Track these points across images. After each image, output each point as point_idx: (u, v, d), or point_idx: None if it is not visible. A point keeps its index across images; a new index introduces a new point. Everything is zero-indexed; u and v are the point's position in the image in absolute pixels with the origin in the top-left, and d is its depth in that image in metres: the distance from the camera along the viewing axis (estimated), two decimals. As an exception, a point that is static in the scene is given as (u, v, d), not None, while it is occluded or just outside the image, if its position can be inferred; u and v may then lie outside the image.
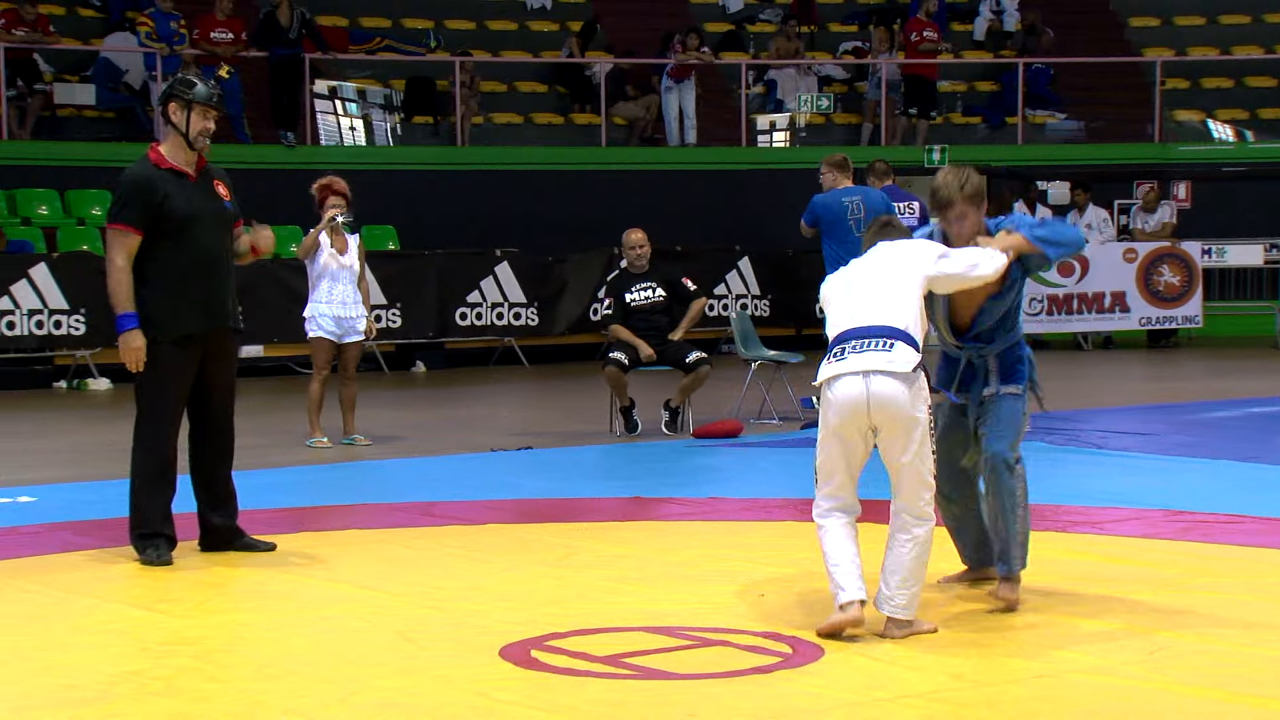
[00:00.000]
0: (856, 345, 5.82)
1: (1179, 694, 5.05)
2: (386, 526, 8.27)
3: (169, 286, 7.32)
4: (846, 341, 5.86)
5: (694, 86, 22.51)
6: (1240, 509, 8.43)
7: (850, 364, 5.79)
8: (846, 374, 5.79)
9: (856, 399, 5.76)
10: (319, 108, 21.33)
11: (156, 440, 7.37)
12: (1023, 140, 23.12)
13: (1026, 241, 6.26)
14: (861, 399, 5.75)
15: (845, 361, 5.81)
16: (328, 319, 11.60)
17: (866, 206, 12.97)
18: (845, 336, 5.87)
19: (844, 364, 5.81)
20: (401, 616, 6.18)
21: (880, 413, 5.74)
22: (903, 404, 5.74)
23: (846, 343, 5.85)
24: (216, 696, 5.12)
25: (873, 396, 5.73)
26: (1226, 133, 24.01)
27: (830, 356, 5.87)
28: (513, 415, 14.63)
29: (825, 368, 5.87)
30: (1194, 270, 20.63)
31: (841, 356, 5.83)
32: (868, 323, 5.86)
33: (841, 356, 5.83)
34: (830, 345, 5.92)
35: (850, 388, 5.77)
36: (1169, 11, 25.61)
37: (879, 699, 5.06)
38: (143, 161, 7.45)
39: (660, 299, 12.56)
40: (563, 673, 5.30)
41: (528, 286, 19.27)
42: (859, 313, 5.92)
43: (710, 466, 10.91)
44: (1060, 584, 6.04)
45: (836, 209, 12.86)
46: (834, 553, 5.80)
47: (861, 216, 12.83)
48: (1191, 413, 13.57)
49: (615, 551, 7.57)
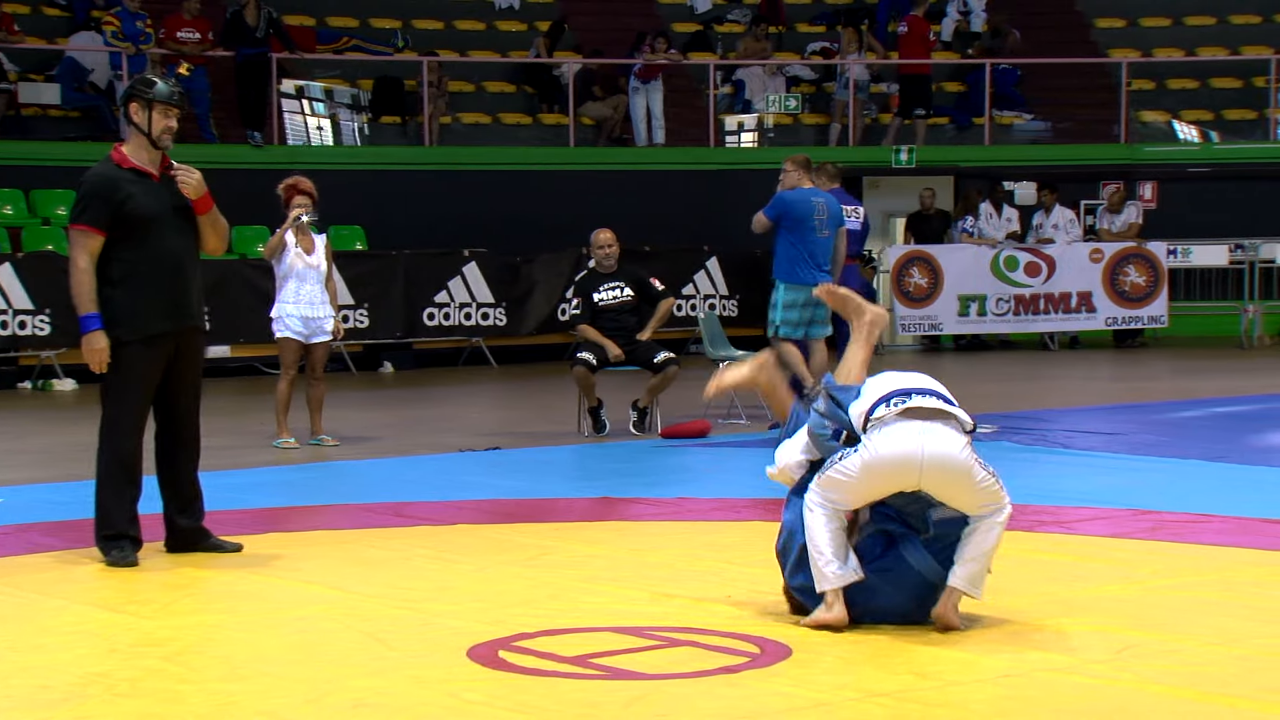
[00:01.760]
0: (913, 396, 5.75)
1: (1147, 693, 5.03)
2: (355, 527, 8.23)
3: (134, 286, 7.27)
4: (906, 394, 5.75)
5: (661, 87, 22.51)
6: (1207, 508, 8.45)
7: (908, 409, 5.69)
8: (903, 423, 5.67)
9: (911, 454, 5.65)
10: (286, 107, 21.30)
11: (121, 441, 7.33)
12: (990, 141, 23.19)
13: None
14: (916, 455, 5.64)
15: (910, 403, 5.70)
16: (295, 319, 11.57)
17: (829, 210, 13.07)
18: (900, 392, 5.77)
19: (909, 404, 5.70)
20: (371, 617, 6.15)
21: (932, 471, 5.66)
22: (958, 463, 5.66)
23: (906, 394, 5.75)
24: (187, 697, 5.09)
25: (927, 453, 5.63)
26: (1192, 134, 24.11)
27: (890, 403, 5.72)
28: (481, 415, 14.60)
29: (886, 409, 5.70)
30: (1160, 270, 20.72)
31: (905, 402, 5.72)
32: (924, 386, 5.83)
33: (905, 402, 5.72)
34: (886, 397, 5.76)
35: (906, 442, 5.65)
36: (1135, 13, 25.72)
37: (848, 698, 5.04)
38: (105, 162, 7.40)
39: (628, 299, 12.56)
40: (531, 673, 5.28)
41: (496, 287, 19.29)
42: (909, 381, 5.86)
43: (679, 466, 10.92)
44: (1028, 583, 6.05)
45: (805, 208, 12.89)
46: (825, 534, 5.74)
47: (825, 219, 12.92)
48: (1158, 412, 13.63)
49: (584, 551, 7.56)
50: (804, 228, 12.83)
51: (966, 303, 20.72)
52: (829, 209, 13.02)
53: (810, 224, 12.86)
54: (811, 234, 12.82)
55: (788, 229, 12.84)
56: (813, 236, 12.83)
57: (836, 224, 13.07)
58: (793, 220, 12.81)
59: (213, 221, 7.51)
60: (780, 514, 6.17)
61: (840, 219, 13.15)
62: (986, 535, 5.75)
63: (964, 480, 5.69)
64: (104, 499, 7.34)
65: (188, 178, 7.38)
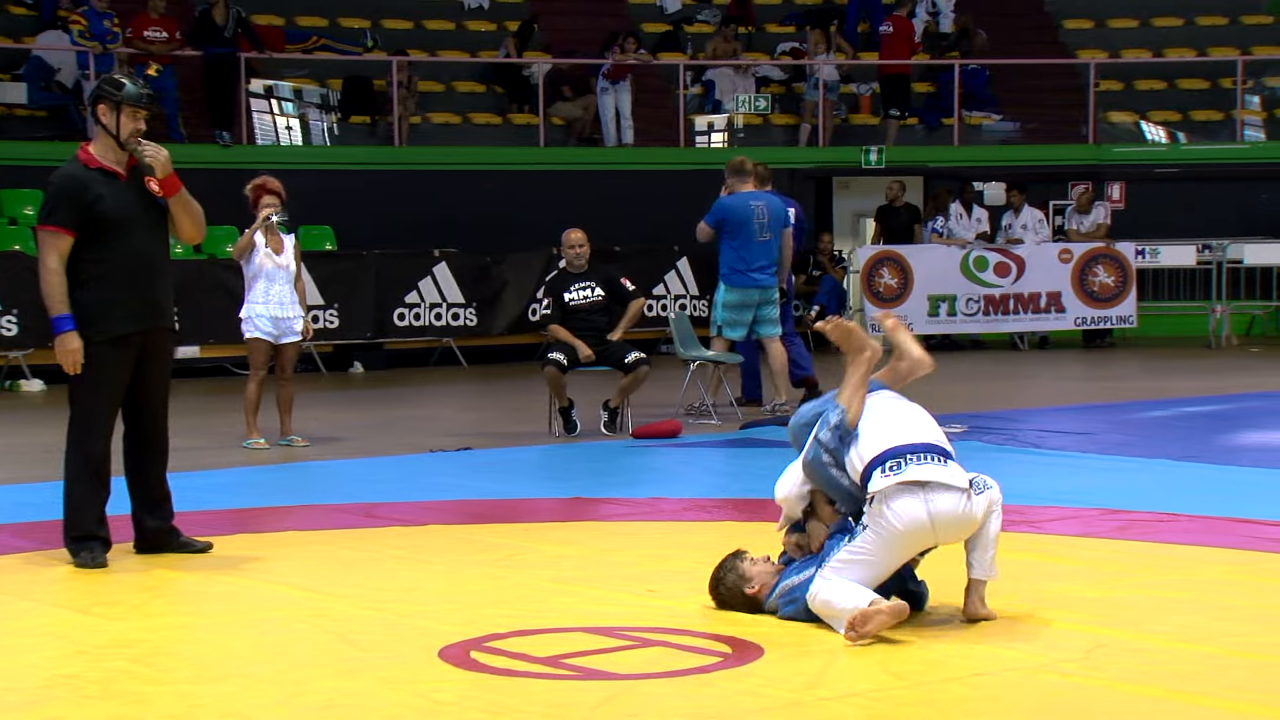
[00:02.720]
0: (908, 461, 5.72)
1: (1117, 691, 5.04)
2: (325, 528, 8.21)
3: (103, 287, 7.22)
4: (901, 456, 5.73)
5: (630, 87, 22.50)
6: (1176, 507, 8.48)
7: (910, 475, 5.68)
8: (904, 496, 5.66)
9: (920, 522, 5.67)
10: (255, 107, 21.20)
11: (91, 442, 7.28)
12: (959, 141, 23.23)
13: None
14: (926, 522, 5.68)
15: (905, 473, 5.68)
16: (264, 319, 11.52)
17: (770, 212, 13.16)
18: (896, 451, 5.74)
19: (904, 475, 5.68)
20: (342, 618, 6.13)
21: (945, 530, 5.73)
22: (963, 515, 5.72)
23: (901, 456, 5.72)
24: (155, 699, 5.06)
25: (935, 516, 5.67)
26: (1159, 134, 24.21)
27: (885, 469, 5.71)
28: (452, 416, 14.57)
29: (882, 479, 5.69)
30: (1128, 271, 20.78)
31: (899, 470, 5.70)
32: (917, 440, 5.79)
33: (899, 470, 5.70)
34: (880, 459, 5.74)
35: (913, 511, 5.66)
36: (1102, 14, 25.79)
37: (821, 698, 5.03)
38: (72, 162, 7.35)
39: (599, 299, 12.54)
40: (502, 674, 5.27)
41: (466, 287, 19.25)
42: (894, 435, 5.80)
43: (650, 467, 10.90)
44: (999, 583, 6.06)
45: (744, 212, 13.12)
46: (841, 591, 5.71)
47: (765, 221, 13.05)
48: (1127, 412, 13.66)
49: (555, 552, 7.54)
50: (745, 231, 13.08)
51: (936, 303, 20.76)
52: (769, 211, 13.21)
53: (750, 227, 13.10)
54: (752, 237, 13.10)
55: (729, 234, 13.12)
56: (753, 239, 13.09)
57: (779, 225, 13.25)
58: (733, 225, 13.09)
59: (184, 205, 7.44)
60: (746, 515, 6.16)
61: (783, 220, 13.33)
62: (988, 525, 5.84)
63: (971, 521, 5.78)
64: (73, 500, 7.29)
65: (155, 155, 7.32)
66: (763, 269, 13.10)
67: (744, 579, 6.07)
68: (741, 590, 6.06)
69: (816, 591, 5.75)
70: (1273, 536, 7.66)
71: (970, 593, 5.89)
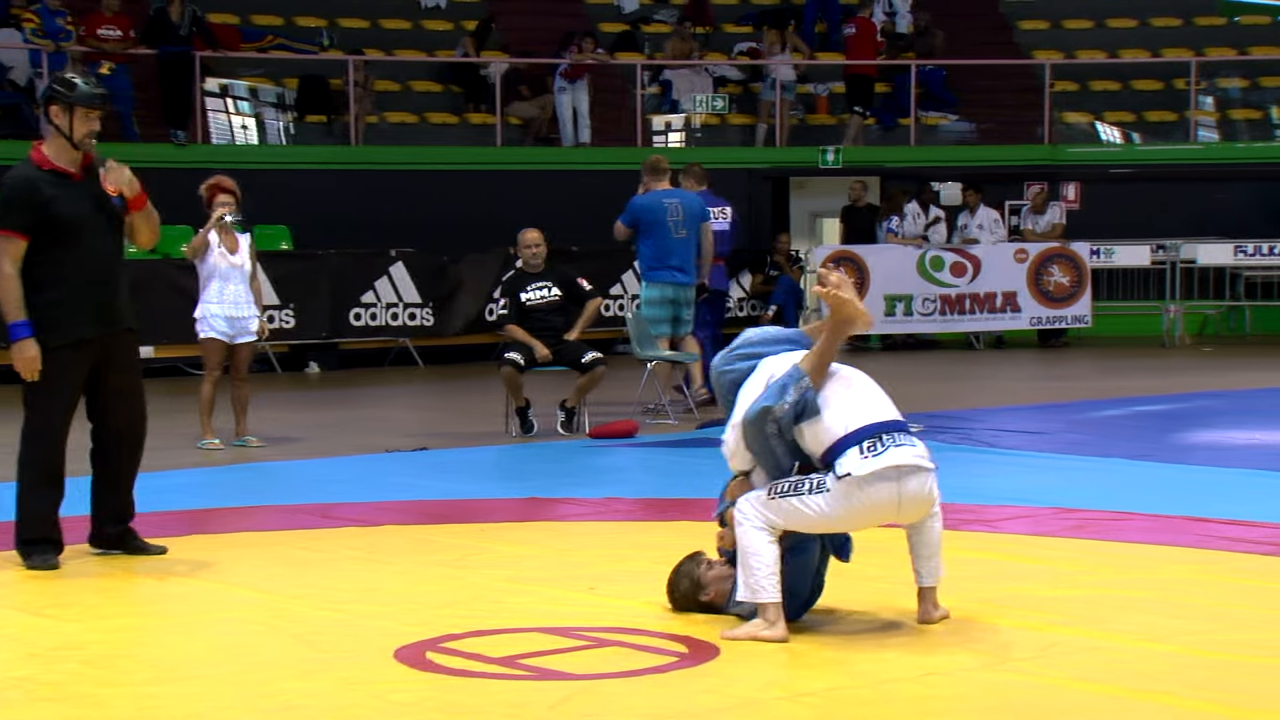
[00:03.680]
0: (883, 443, 5.59)
1: (1072, 690, 5.05)
2: (281, 529, 8.16)
3: (59, 291, 7.14)
4: (877, 435, 5.59)
5: (587, 87, 22.48)
6: (1130, 506, 8.50)
7: (891, 459, 5.56)
8: (881, 481, 5.56)
9: (890, 501, 5.61)
10: (210, 106, 21.12)
11: (45, 445, 7.21)
12: (915, 141, 23.28)
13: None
14: (895, 501, 5.62)
15: (886, 457, 5.56)
16: (219, 319, 11.46)
17: (685, 210, 13.21)
18: (864, 433, 5.60)
19: (885, 460, 5.55)
20: (299, 619, 6.10)
21: (909, 511, 5.69)
22: (927, 495, 5.69)
23: (877, 436, 5.59)
24: (110, 702, 5.01)
25: (904, 497, 5.62)
26: (1114, 135, 24.33)
27: (863, 450, 5.57)
28: (408, 416, 14.56)
29: (862, 461, 5.55)
30: (1083, 270, 20.86)
31: (877, 452, 5.57)
32: (887, 416, 5.68)
33: (877, 452, 5.57)
34: (855, 436, 5.59)
35: (887, 491, 5.58)
36: (1057, 15, 25.88)
37: (776, 697, 5.03)
38: (25, 163, 7.24)
39: (556, 299, 12.53)
40: (459, 674, 5.25)
41: (423, 286, 19.20)
42: (864, 412, 5.65)
43: (607, 467, 10.90)
44: (954, 583, 6.08)
45: (657, 210, 13.24)
46: (768, 552, 5.65)
47: (680, 219, 13.14)
48: (1082, 411, 13.70)
49: (512, 552, 7.52)
50: (659, 230, 13.18)
51: (893, 303, 20.79)
52: (684, 209, 13.31)
53: (665, 225, 13.20)
54: (667, 235, 13.20)
55: (644, 233, 13.23)
56: (669, 237, 13.19)
57: (695, 222, 13.36)
58: (647, 223, 13.20)
59: (146, 216, 7.40)
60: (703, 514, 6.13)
61: (700, 216, 13.45)
62: (931, 530, 5.82)
63: (932, 500, 5.74)
64: (25, 503, 7.23)
65: (119, 176, 7.26)
66: (679, 266, 13.21)
67: (699, 586, 6.02)
68: (696, 599, 6.03)
69: (748, 539, 5.63)
70: (1226, 534, 7.68)
71: (923, 599, 5.87)
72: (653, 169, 13.54)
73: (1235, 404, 14.25)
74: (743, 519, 5.68)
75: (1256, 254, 21.30)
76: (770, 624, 5.61)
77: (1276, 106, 24.53)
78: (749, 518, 5.66)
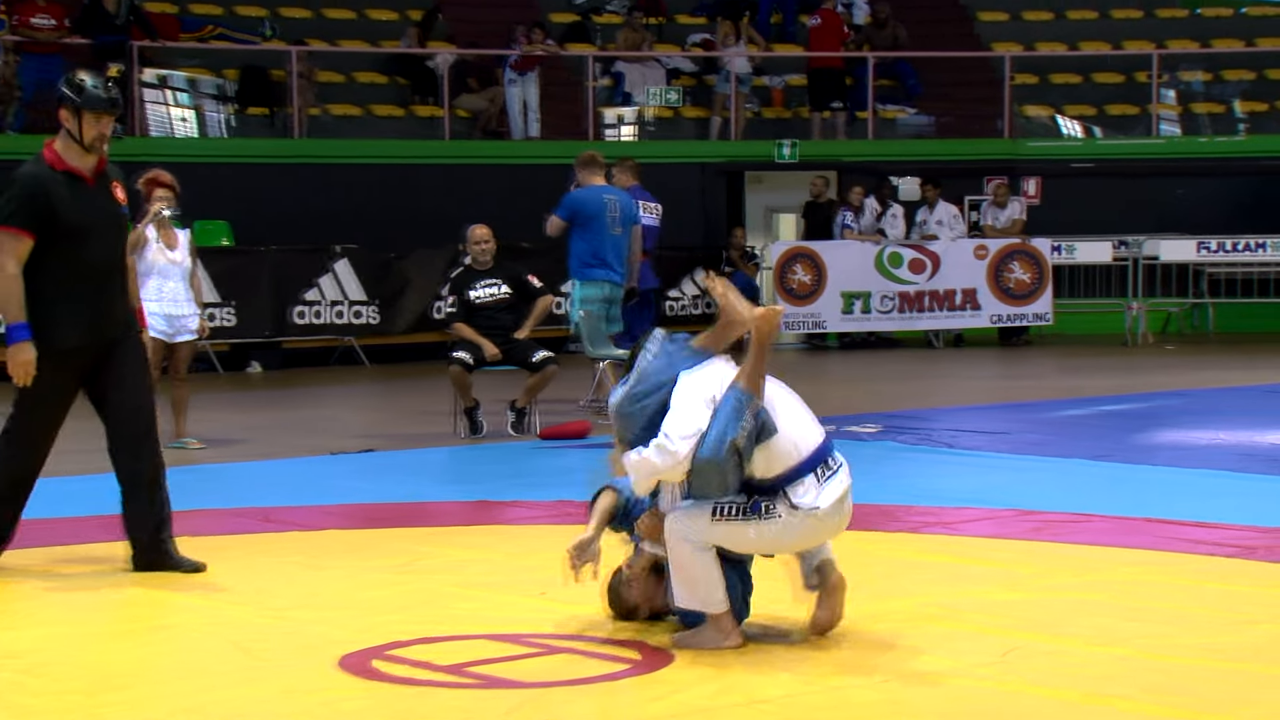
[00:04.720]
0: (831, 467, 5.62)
1: (1032, 695, 5.08)
2: (222, 533, 8.16)
3: (54, 298, 6.94)
4: (823, 461, 5.61)
5: (537, 79, 22.20)
6: (1090, 508, 8.60)
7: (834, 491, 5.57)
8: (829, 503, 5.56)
9: (835, 526, 5.67)
10: (148, 97, 20.79)
11: (18, 450, 7.07)
12: (873, 135, 23.00)
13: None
14: (838, 525, 5.67)
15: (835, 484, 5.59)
16: (158, 317, 11.28)
17: (621, 209, 13.24)
18: (818, 458, 5.58)
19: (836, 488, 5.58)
20: (239, 626, 6.08)
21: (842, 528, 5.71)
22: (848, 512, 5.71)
23: (824, 462, 5.61)
24: (46, 712, 4.96)
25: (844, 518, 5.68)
26: (1075, 129, 24.16)
27: (818, 476, 5.56)
28: (353, 417, 14.61)
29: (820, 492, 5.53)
30: (1044, 267, 20.65)
31: (827, 481, 5.56)
32: (821, 440, 5.63)
33: (827, 481, 5.56)
34: (810, 463, 5.56)
35: (836, 518, 5.62)
36: (1017, 7, 25.80)
37: (731, 704, 5.02)
38: (37, 161, 7.02)
39: (505, 296, 12.46)
40: (405, 683, 5.21)
41: (368, 284, 19.05)
42: (810, 431, 5.64)
43: (558, 468, 10.83)
44: (912, 585, 6.18)
45: (596, 205, 13.10)
46: (714, 569, 5.60)
47: (617, 216, 13.05)
48: (1043, 411, 13.74)
49: (461, 556, 7.49)
50: (597, 224, 13.05)
51: (850, 300, 20.58)
52: (620, 206, 13.22)
53: (603, 221, 13.07)
54: (604, 231, 13.07)
55: (581, 227, 13.07)
56: (605, 234, 13.08)
57: (629, 222, 13.34)
58: (585, 218, 13.04)
59: None
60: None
61: (632, 216, 13.36)
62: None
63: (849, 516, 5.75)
64: None
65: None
66: (613, 264, 13.01)
67: (626, 586, 5.93)
68: (635, 609, 5.93)
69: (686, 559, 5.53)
70: (1187, 536, 7.73)
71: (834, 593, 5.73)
72: (587, 163, 13.44)
73: (1198, 403, 14.33)
74: (682, 539, 5.59)
75: (1220, 250, 21.16)
76: (726, 634, 5.61)
77: (1239, 100, 24.44)
78: (689, 539, 5.59)
